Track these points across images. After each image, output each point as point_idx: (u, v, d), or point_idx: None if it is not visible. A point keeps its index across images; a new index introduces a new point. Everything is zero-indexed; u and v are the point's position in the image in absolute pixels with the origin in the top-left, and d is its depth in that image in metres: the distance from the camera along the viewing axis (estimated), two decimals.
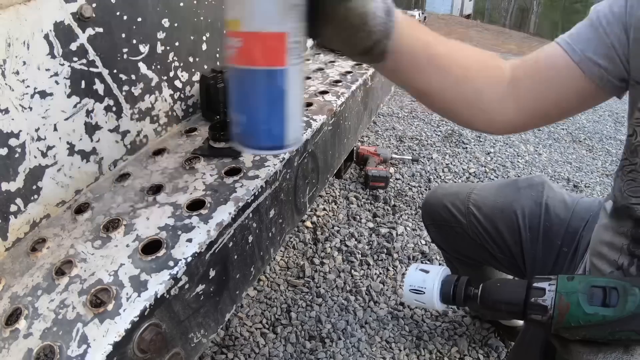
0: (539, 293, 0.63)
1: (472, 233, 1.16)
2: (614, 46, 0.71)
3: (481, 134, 3.19)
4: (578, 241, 1.03)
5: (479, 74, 0.73)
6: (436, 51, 0.68)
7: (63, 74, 0.72)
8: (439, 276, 0.73)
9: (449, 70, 0.70)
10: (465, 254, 1.27)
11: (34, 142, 0.70)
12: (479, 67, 0.73)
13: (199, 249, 0.62)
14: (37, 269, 0.63)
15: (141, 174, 0.82)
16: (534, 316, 0.63)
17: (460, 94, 0.73)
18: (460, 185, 1.25)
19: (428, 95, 0.74)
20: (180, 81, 0.98)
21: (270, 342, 1.51)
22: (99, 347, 0.50)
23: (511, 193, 1.12)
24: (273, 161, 0.81)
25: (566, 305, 0.60)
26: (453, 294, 0.73)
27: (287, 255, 1.89)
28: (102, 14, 0.77)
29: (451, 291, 0.73)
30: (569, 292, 0.61)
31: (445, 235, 1.28)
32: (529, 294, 0.64)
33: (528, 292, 0.64)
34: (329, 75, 1.30)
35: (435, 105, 0.77)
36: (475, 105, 0.75)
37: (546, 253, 1.08)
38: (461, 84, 0.72)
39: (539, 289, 0.63)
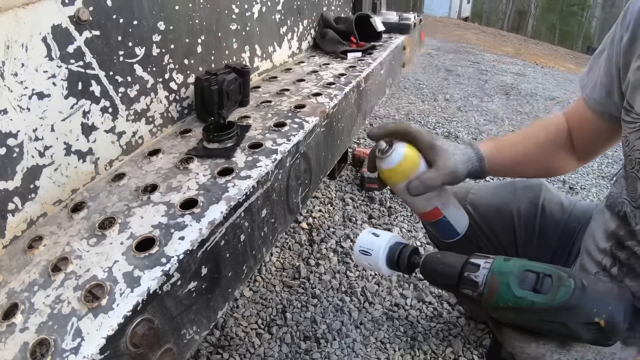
0: (474, 269, 0.63)
1: (468, 232, 1.17)
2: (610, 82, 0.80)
3: (477, 137, 3.21)
4: (573, 244, 1.04)
5: (546, 157, 0.95)
6: (516, 159, 0.93)
7: (60, 76, 0.73)
8: (387, 241, 0.75)
9: (528, 166, 0.96)
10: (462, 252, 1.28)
11: (31, 142, 0.71)
12: (545, 152, 0.95)
13: (190, 247, 0.63)
14: (33, 266, 0.64)
15: (136, 174, 0.83)
16: (466, 290, 0.63)
17: (541, 167, 0.97)
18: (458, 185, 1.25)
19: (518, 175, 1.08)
20: (176, 83, 1.00)
21: (266, 342, 1.51)
22: (93, 340, 0.52)
23: (508, 194, 1.13)
24: (265, 162, 0.83)
25: (497, 284, 0.59)
26: (397, 259, 0.74)
27: (282, 257, 1.90)
28: (98, 17, 0.78)
29: (396, 257, 0.74)
30: (502, 272, 0.60)
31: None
32: (464, 268, 0.64)
33: (464, 266, 0.64)
34: (323, 78, 1.31)
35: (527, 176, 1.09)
36: (554, 170, 0.99)
37: (541, 254, 1.08)
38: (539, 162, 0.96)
39: (475, 264, 0.63)
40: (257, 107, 1.10)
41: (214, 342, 1.50)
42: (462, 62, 5.63)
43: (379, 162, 0.80)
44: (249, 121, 1.01)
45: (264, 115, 1.04)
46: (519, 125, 3.49)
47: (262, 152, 0.86)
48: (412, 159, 0.79)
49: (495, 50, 7.06)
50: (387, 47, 1.76)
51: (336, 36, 1.68)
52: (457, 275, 0.64)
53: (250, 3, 1.24)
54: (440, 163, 0.79)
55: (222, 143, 0.88)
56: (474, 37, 8.42)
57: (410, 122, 3.42)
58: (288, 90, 1.20)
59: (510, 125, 3.49)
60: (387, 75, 1.70)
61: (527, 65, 6.45)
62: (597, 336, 0.55)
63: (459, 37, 8.13)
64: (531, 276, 0.59)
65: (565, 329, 0.56)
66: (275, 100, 1.13)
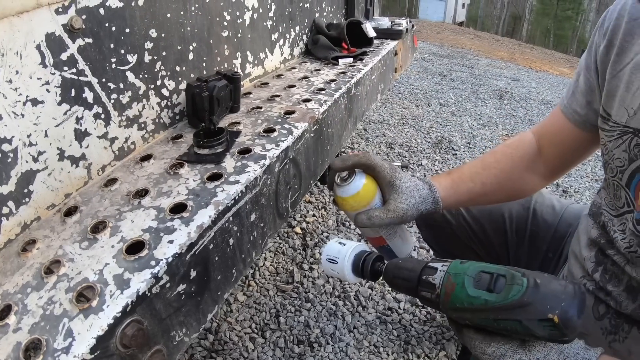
0: (432, 272, 0.64)
1: (461, 234, 1.17)
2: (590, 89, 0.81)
3: (471, 141, 3.23)
4: (564, 247, 1.04)
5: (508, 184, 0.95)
6: (473, 193, 0.92)
7: (54, 83, 0.75)
8: (353, 250, 0.77)
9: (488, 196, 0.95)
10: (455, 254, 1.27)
11: (25, 147, 0.72)
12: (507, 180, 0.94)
13: (179, 250, 0.65)
14: (27, 268, 0.66)
15: (128, 179, 0.85)
16: (424, 293, 0.64)
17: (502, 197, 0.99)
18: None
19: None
20: (167, 89, 1.01)
21: (259, 346, 1.52)
22: (83, 340, 0.53)
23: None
24: (254, 167, 0.84)
25: (452, 285, 0.61)
26: (362, 266, 0.76)
27: (276, 261, 1.91)
28: (91, 25, 0.80)
29: (360, 264, 0.76)
30: (457, 274, 0.62)
31: (436, 236, 1.28)
32: (422, 272, 0.65)
33: (422, 270, 0.66)
34: (313, 84, 1.33)
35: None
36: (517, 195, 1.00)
37: (531, 257, 1.09)
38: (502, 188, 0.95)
39: (433, 268, 0.65)
40: (247, 113, 1.11)
41: (208, 346, 1.51)
42: (457, 67, 5.66)
43: (336, 188, 0.82)
44: (239, 127, 1.02)
45: (254, 121, 1.05)
46: (512, 130, 3.51)
47: (251, 158, 0.88)
48: (366, 193, 0.82)
49: (490, 54, 7.10)
50: (378, 52, 1.78)
51: (328, 42, 1.70)
52: (417, 279, 0.65)
53: (242, 10, 1.26)
54: (392, 205, 0.81)
55: (212, 149, 0.89)
56: (468, 41, 8.47)
57: (404, 126, 3.45)
58: (279, 97, 1.22)
59: (504, 129, 3.51)
60: (378, 81, 1.72)
61: (521, 70, 6.49)
62: (552, 332, 0.56)
63: (454, 41, 8.18)
64: (485, 277, 0.60)
65: (520, 327, 0.57)
66: (266, 106, 1.14)
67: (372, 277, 0.76)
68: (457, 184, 0.90)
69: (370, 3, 2.35)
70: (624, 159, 0.70)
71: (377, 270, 0.75)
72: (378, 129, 3.35)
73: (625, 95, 0.70)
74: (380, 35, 2.06)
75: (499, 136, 3.37)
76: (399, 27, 2.12)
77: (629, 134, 0.69)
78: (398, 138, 3.21)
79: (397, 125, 3.46)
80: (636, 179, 0.68)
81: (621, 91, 0.71)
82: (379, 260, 0.76)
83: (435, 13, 26.03)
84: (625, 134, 0.70)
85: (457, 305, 0.60)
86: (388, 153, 2.96)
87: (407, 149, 3.04)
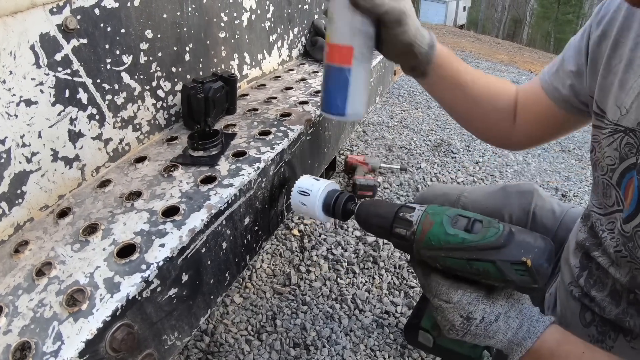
0: (409, 210, 0.66)
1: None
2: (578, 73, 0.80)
3: (470, 144, 3.23)
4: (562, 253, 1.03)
5: (491, 98, 0.93)
6: (462, 78, 0.90)
7: (48, 83, 0.74)
8: (326, 186, 0.78)
9: (469, 92, 0.91)
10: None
11: (19, 148, 0.72)
12: (493, 92, 0.93)
13: (170, 254, 0.64)
14: (19, 270, 0.65)
15: (122, 180, 0.84)
16: (399, 230, 0.65)
17: (477, 112, 0.95)
18: (450, 186, 1.24)
19: (453, 109, 0.98)
20: (163, 91, 1.01)
21: (255, 349, 1.52)
22: (72, 344, 0.53)
23: (500, 199, 1.12)
24: (248, 170, 0.84)
25: (430, 223, 0.62)
26: (334, 205, 0.76)
27: (273, 263, 1.91)
28: (86, 26, 0.79)
29: (332, 202, 0.76)
30: (436, 213, 0.63)
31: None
32: (399, 210, 0.67)
33: (400, 209, 0.67)
34: (311, 86, 1.33)
35: (459, 119, 1.00)
36: (489, 124, 0.97)
37: None
38: (478, 104, 0.93)
39: (410, 207, 0.66)
40: (243, 115, 1.11)
41: (204, 348, 1.51)
42: None
43: None
44: (235, 129, 1.02)
45: (249, 124, 1.05)
46: None
47: (245, 161, 0.87)
48: None
49: (490, 57, 7.10)
50: (377, 55, 1.78)
51: None
52: (392, 216, 0.66)
53: (240, 11, 1.25)
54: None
55: (207, 151, 0.89)
56: (469, 44, 8.48)
57: (403, 129, 3.44)
58: (275, 98, 1.21)
59: None
60: (377, 83, 1.71)
61: (521, 73, 6.49)
62: (523, 277, 0.58)
63: (454, 44, 8.18)
64: (463, 219, 0.62)
65: (493, 269, 0.58)
66: (262, 109, 1.14)
67: (343, 217, 0.77)
68: (453, 58, 0.89)
69: None
70: (615, 158, 0.70)
71: (349, 210, 0.76)
72: (377, 131, 3.35)
73: (618, 93, 0.70)
74: None
75: None
76: None
77: (620, 132, 0.69)
78: (397, 140, 3.21)
79: (396, 128, 3.46)
80: (627, 178, 0.68)
81: (615, 88, 0.71)
82: (351, 200, 0.77)
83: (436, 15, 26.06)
84: (616, 132, 0.70)
85: (433, 244, 0.62)
86: (387, 155, 2.96)
87: (406, 151, 3.04)
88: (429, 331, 0.71)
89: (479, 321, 0.62)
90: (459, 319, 0.62)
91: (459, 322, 0.63)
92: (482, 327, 0.62)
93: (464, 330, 0.63)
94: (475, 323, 0.62)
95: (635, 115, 0.66)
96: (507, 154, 3.16)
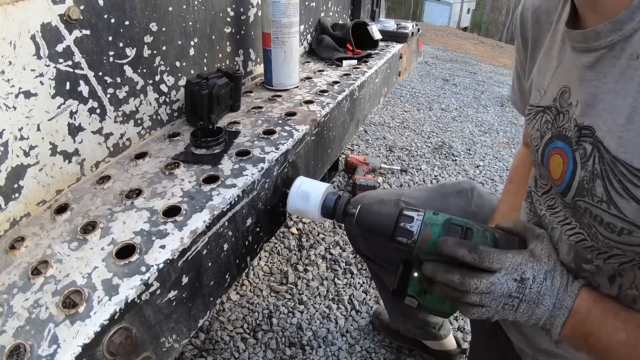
0: (408, 220, 0.71)
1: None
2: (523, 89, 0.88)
3: (471, 148, 3.21)
4: None
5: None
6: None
7: (48, 75, 0.72)
8: (326, 189, 0.83)
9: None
10: (395, 263, 1.21)
11: (17, 141, 0.70)
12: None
13: (171, 256, 0.62)
14: (14, 267, 0.63)
15: (122, 177, 0.83)
16: (400, 239, 0.71)
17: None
18: (386, 191, 1.22)
19: None
20: (166, 85, 0.99)
21: (251, 347, 1.51)
22: (69, 348, 0.51)
23: (439, 201, 1.10)
24: (251, 170, 0.82)
25: (429, 234, 0.68)
26: (334, 207, 0.81)
27: (271, 261, 1.89)
28: (89, 17, 0.77)
29: (332, 205, 0.81)
30: (433, 224, 0.69)
31: (373, 244, 1.22)
32: (399, 219, 0.71)
33: (399, 217, 0.72)
34: (316, 85, 1.31)
35: None
36: None
37: None
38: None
39: (409, 216, 0.71)
40: (247, 112, 1.09)
41: (199, 345, 1.49)
42: (460, 72, 5.65)
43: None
44: (239, 127, 1.00)
45: (254, 122, 1.03)
46: (513, 137, 3.50)
47: (249, 160, 0.85)
48: None
49: (493, 61, 7.08)
50: (383, 55, 1.76)
51: (332, 43, 1.67)
52: (393, 226, 0.71)
53: (247, 6, 1.23)
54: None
55: (210, 149, 0.87)
56: (472, 47, 8.46)
57: (405, 130, 3.43)
58: (280, 97, 1.20)
59: (504, 137, 3.50)
60: (382, 84, 1.70)
61: None
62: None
63: (458, 46, 8.16)
64: (456, 228, 0.68)
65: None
66: (267, 107, 1.12)
67: (343, 220, 0.82)
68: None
69: (377, 4, 2.33)
70: (537, 138, 0.72)
71: (349, 213, 0.80)
72: (378, 131, 3.34)
73: (537, 78, 0.75)
74: (385, 38, 2.04)
75: (500, 143, 3.36)
76: (405, 30, 2.10)
77: (540, 112, 0.72)
78: (398, 141, 3.20)
79: (397, 129, 3.44)
80: (547, 154, 0.69)
81: (535, 76, 0.76)
82: (349, 203, 0.81)
83: (440, 17, 26.05)
84: (537, 113, 0.73)
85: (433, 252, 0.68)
86: (388, 156, 2.94)
87: (406, 152, 3.03)
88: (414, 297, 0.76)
89: (532, 280, 0.62)
90: (514, 285, 0.62)
91: (515, 288, 0.62)
92: (535, 287, 0.62)
93: (519, 295, 0.62)
94: (529, 284, 0.62)
95: (550, 93, 0.69)
96: (508, 158, 3.15)
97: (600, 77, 0.57)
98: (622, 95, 0.53)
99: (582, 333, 0.61)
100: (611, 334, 0.59)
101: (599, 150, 0.56)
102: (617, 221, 0.55)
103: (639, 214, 0.52)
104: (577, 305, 0.61)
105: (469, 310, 0.65)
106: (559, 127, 0.66)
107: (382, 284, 1.32)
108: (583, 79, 0.60)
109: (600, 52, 0.57)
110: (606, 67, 0.56)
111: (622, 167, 0.53)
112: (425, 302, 0.75)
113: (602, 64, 0.57)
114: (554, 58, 0.70)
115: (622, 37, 0.53)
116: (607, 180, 0.55)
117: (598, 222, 0.58)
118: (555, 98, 0.68)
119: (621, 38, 0.54)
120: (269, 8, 1.15)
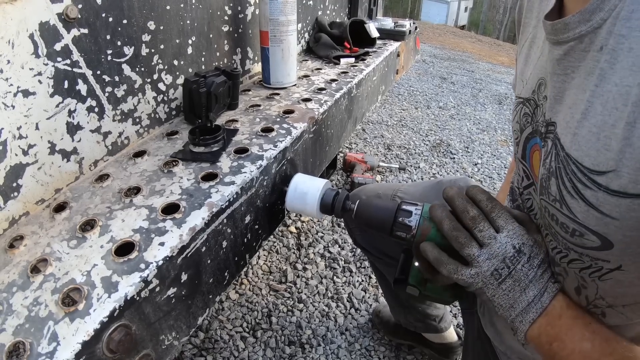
0: (407, 214, 0.71)
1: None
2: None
3: (469, 145, 3.22)
4: None
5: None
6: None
7: (46, 74, 0.72)
8: (324, 185, 0.84)
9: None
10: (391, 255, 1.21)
11: (15, 140, 0.70)
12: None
13: (170, 253, 0.62)
14: (13, 266, 0.63)
15: (120, 175, 0.83)
16: (399, 233, 0.72)
17: None
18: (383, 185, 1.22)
19: None
20: (164, 84, 0.99)
21: (250, 346, 1.51)
22: (68, 345, 0.51)
23: (435, 197, 1.08)
24: (250, 168, 0.82)
25: (427, 228, 0.69)
26: (332, 203, 0.82)
27: (270, 260, 1.89)
28: (87, 15, 0.77)
29: (331, 201, 0.81)
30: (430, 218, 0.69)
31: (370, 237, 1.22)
32: (397, 214, 0.72)
33: (397, 212, 0.72)
34: (314, 83, 1.31)
35: None
36: None
37: None
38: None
39: (407, 211, 0.72)
40: (245, 110, 1.09)
41: (198, 344, 1.49)
42: (457, 70, 5.65)
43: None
44: (237, 125, 1.00)
45: (252, 120, 1.03)
46: (510, 135, 3.50)
47: (247, 158, 0.85)
48: None
49: (491, 59, 7.08)
50: (380, 53, 1.76)
51: (330, 41, 1.68)
52: (392, 221, 0.72)
53: (244, 5, 1.23)
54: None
55: (208, 147, 0.87)
56: (469, 45, 8.46)
57: (402, 128, 3.43)
58: (278, 95, 1.20)
59: (502, 134, 3.50)
60: (379, 82, 1.70)
61: None
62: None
63: (455, 45, 8.17)
64: None
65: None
66: (265, 105, 1.12)
67: (342, 215, 0.83)
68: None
69: (374, 3, 2.33)
70: (517, 131, 0.70)
71: (348, 208, 0.81)
72: (376, 130, 3.34)
73: (523, 68, 0.72)
74: (383, 36, 2.04)
75: (498, 141, 3.36)
76: (402, 29, 2.10)
77: (520, 104, 0.70)
78: (396, 140, 3.20)
79: (395, 127, 3.44)
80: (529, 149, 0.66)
81: (520, 65, 0.74)
82: (348, 199, 0.82)
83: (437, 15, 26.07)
84: (518, 104, 0.71)
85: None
86: (386, 154, 2.94)
87: (405, 150, 3.03)
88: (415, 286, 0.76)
89: (527, 259, 0.60)
90: (511, 251, 0.60)
91: (510, 255, 0.60)
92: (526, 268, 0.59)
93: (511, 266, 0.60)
94: (523, 259, 0.60)
95: (530, 85, 0.67)
96: (506, 156, 3.15)
97: (569, 72, 0.54)
98: (583, 89, 0.50)
99: (549, 336, 0.59)
100: (577, 342, 0.57)
101: (556, 147, 0.54)
102: (569, 222, 0.53)
103: (589, 216, 0.49)
104: (551, 305, 0.59)
105: (459, 271, 0.63)
106: (536, 122, 0.64)
107: (382, 275, 1.33)
108: (553, 73, 0.57)
109: (569, 45, 0.53)
110: (574, 61, 0.53)
111: (574, 165, 0.50)
112: (426, 291, 0.76)
113: (571, 57, 0.53)
114: (538, 48, 0.67)
115: (591, 29, 0.49)
116: (560, 178, 0.53)
117: (555, 222, 0.56)
118: (534, 90, 0.65)
119: (590, 29, 0.49)
120: (267, 6, 1.16)
